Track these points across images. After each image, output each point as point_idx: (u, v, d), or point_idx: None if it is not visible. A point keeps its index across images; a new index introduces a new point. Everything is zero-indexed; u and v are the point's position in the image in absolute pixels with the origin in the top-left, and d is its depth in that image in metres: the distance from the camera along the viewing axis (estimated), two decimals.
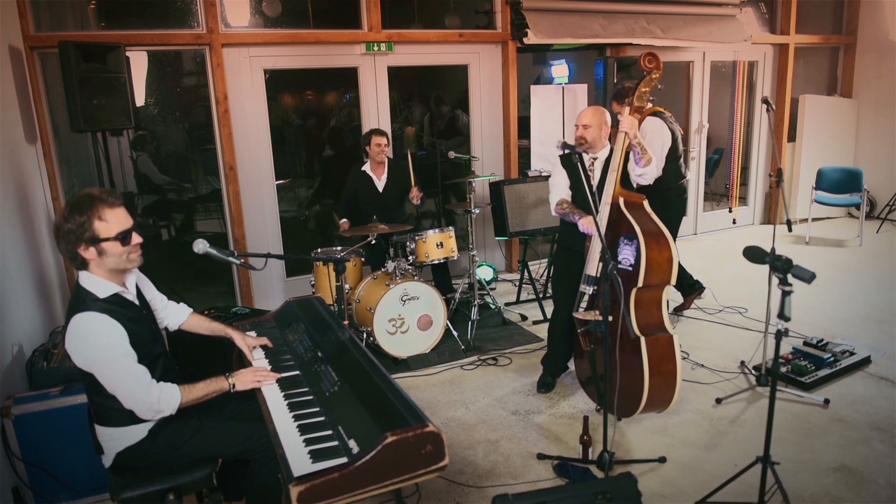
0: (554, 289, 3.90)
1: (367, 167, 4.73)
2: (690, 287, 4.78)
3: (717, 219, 7.50)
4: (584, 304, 3.22)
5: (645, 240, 2.96)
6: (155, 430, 2.15)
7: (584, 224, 3.23)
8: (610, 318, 3.17)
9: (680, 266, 4.72)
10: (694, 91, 6.92)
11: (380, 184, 4.73)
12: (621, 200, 3.11)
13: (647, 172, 3.24)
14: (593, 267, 3.15)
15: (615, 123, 3.51)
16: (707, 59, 6.89)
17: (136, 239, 2.09)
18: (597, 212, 3.06)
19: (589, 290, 3.17)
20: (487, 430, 3.30)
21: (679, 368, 3.05)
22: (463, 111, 6.01)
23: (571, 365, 3.81)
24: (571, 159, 3.23)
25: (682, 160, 4.39)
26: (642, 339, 2.99)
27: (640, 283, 2.97)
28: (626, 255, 3.04)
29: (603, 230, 3.11)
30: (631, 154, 3.20)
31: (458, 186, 6.10)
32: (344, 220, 4.62)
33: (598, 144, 3.35)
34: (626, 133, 3.13)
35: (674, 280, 3.05)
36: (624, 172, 3.24)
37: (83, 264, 2.05)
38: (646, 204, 3.15)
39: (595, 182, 3.33)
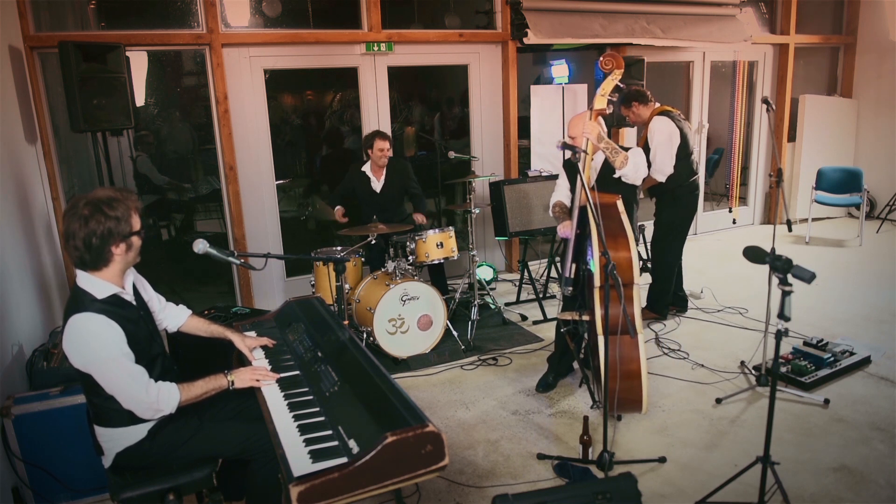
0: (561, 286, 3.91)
1: (367, 168, 4.72)
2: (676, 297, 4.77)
3: (717, 219, 7.50)
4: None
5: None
6: (154, 431, 2.15)
7: (561, 229, 3.35)
8: (587, 318, 3.19)
9: (678, 273, 4.73)
10: (694, 91, 6.92)
11: (377, 185, 4.72)
12: (589, 203, 3.12)
13: (625, 174, 3.26)
14: (568, 269, 3.17)
15: (625, 124, 3.53)
16: (707, 59, 6.89)
17: None
18: (597, 211, 3.08)
19: (567, 291, 3.18)
20: (487, 430, 3.30)
21: (643, 369, 3.00)
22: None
23: (576, 365, 3.81)
24: (571, 162, 3.27)
25: (692, 157, 4.40)
26: (600, 339, 2.99)
27: (597, 283, 2.98)
28: (590, 255, 3.05)
29: (574, 232, 3.17)
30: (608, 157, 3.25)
31: (459, 186, 6.11)
32: (338, 206, 4.67)
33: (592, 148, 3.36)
34: (587, 139, 3.16)
35: (636, 279, 3.04)
36: (610, 174, 3.27)
37: (105, 263, 2.03)
38: (618, 204, 3.15)
39: (590, 184, 3.36)
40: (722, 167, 7.68)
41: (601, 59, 3.30)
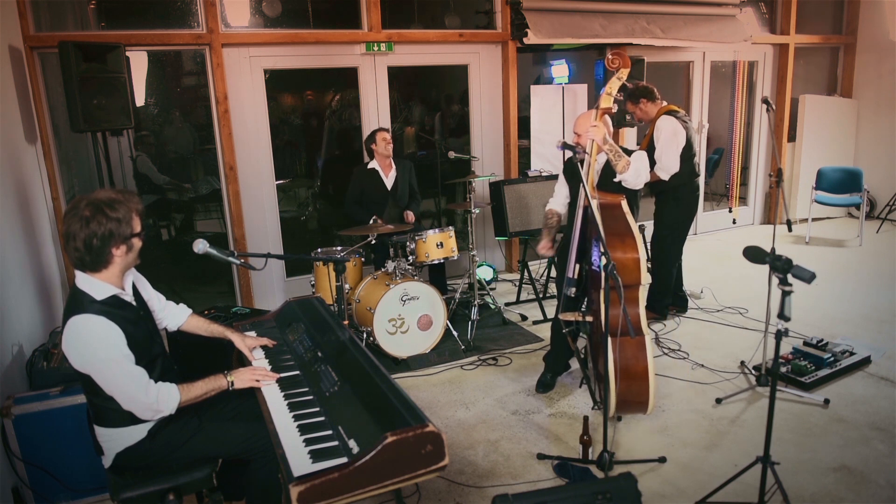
0: (558, 286, 3.90)
1: (374, 164, 4.71)
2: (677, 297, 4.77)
3: (717, 219, 7.50)
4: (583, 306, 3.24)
5: (608, 240, 2.95)
6: (154, 431, 2.15)
7: (539, 247, 3.52)
8: (590, 319, 3.18)
9: (678, 273, 4.73)
10: (694, 91, 6.92)
11: (388, 181, 4.72)
12: (594, 203, 3.10)
13: (626, 179, 3.21)
14: (571, 269, 3.16)
15: (624, 123, 3.51)
16: (707, 59, 6.89)
17: None
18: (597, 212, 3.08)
19: (570, 291, 3.17)
20: (487, 430, 3.30)
21: (650, 371, 2.98)
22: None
23: (573, 364, 3.82)
24: (571, 167, 3.26)
25: (696, 158, 4.41)
26: (608, 340, 2.97)
27: (603, 284, 2.95)
28: (595, 256, 3.04)
29: (577, 234, 3.17)
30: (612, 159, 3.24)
31: (459, 186, 6.11)
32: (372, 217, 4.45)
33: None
34: (592, 140, 3.15)
35: (644, 280, 3.02)
36: (613, 175, 3.27)
37: (105, 265, 2.03)
38: (623, 204, 3.12)
39: (594, 184, 3.35)
40: (722, 167, 7.68)
41: (607, 56, 3.26)
